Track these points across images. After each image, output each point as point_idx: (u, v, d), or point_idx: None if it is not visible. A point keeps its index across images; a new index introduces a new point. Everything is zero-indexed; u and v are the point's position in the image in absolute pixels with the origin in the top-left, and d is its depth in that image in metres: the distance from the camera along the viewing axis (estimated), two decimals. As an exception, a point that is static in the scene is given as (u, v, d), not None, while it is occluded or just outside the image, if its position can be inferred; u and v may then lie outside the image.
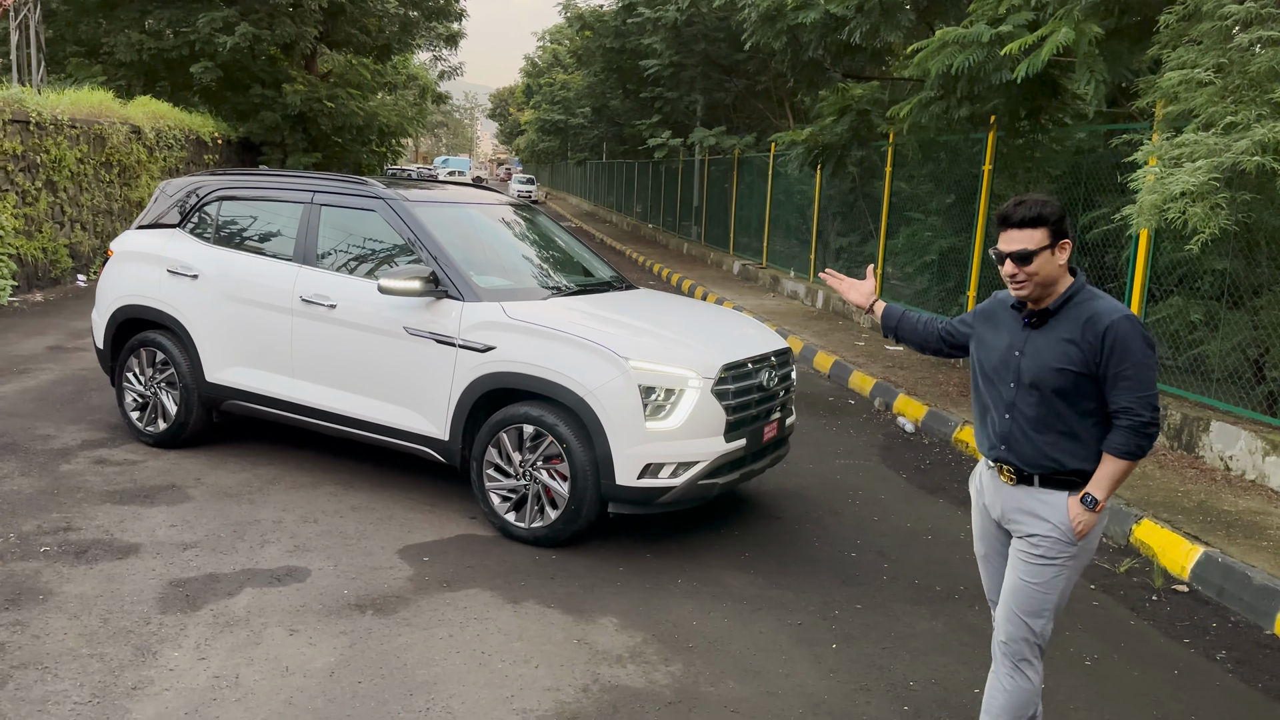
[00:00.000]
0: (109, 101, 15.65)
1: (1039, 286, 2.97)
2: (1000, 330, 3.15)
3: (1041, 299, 3.02)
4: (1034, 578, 3.02)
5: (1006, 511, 3.12)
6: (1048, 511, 3.01)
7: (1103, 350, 2.90)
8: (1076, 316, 2.96)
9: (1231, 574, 5.01)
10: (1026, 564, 3.04)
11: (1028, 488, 3.05)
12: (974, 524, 3.37)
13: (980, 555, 3.35)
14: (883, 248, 13.36)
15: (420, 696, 3.60)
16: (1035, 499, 3.04)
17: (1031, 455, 3.02)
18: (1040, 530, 3.01)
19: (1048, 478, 3.02)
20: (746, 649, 4.17)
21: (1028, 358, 3.02)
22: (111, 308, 6.47)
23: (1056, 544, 3.00)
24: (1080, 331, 2.93)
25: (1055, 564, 3.01)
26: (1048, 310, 3.01)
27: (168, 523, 5.12)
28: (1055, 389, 2.96)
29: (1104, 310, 2.93)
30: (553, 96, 43.80)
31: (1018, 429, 3.04)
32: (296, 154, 23.86)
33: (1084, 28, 7.11)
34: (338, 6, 22.84)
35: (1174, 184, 5.66)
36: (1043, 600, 3.03)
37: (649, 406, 4.89)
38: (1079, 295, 3.00)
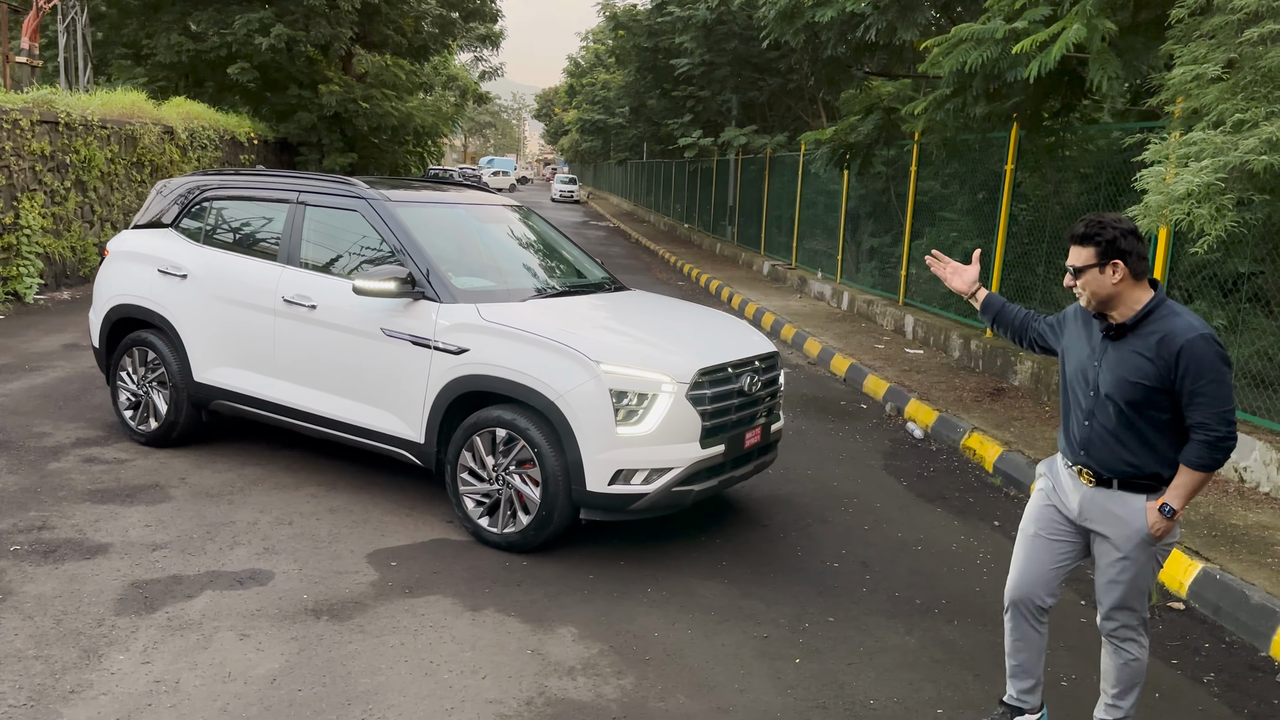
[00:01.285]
0: (141, 102, 15.87)
1: (1093, 299, 3.18)
2: (1083, 339, 3.34)
3: (1110, 311, 3.20)
4: (1120, 575, 3.27)
5: (1085, 510, 3.32)
6: (1128, 515, 3.22)
7: (1177, 369, 3.07)
8: (1152, 333, 3.13)
9: (1229, 592, 4.79)
10: (1113, 565, 3.28)
11: (1107, 490, 3.26)
12: (1033, 504, 3.52)
13: (1029, 535, 3.48)
14: (908, 248, 13.12)
15: (358, 706, 3.54)
16: (1115, 501, 3.24)
17: (1110, 461, 3.22)
18: (1121, 534, 3.23)
19: (1126, 481, 3.22)
20: (705, 662, 4.05)
21: (1105, 369, 3.21)
22: (106, 307, 6.51)
23: (1137, 546, 3.22)
24: (1155, 349, 3.10)
25: (1138, 562, 3.25)
26: (1125, 325, 3.18)
27: (143, 522, 5.12)
28: (1130, 401, 3.15)
29: (1180, 329, 3.08)
30: (593, 96, 43.88)
31: (1096, 436, 3.25)
32: (333, 154, 24.08)
33: (1096, 24, 6.88)
34: (373, 7, 23.01)
35: (1178, 184, 5.44)
36: (1132, 591, 3.30)
37: (621, 411, 4.79)
38: (1157, 311, 3.15)
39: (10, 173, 11.52)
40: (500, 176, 70.04)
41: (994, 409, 8.42)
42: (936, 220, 12.72)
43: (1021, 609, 3.49)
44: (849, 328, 12.89)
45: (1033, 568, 3.47)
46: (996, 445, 7.26)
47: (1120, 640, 3.39)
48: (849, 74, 11.81)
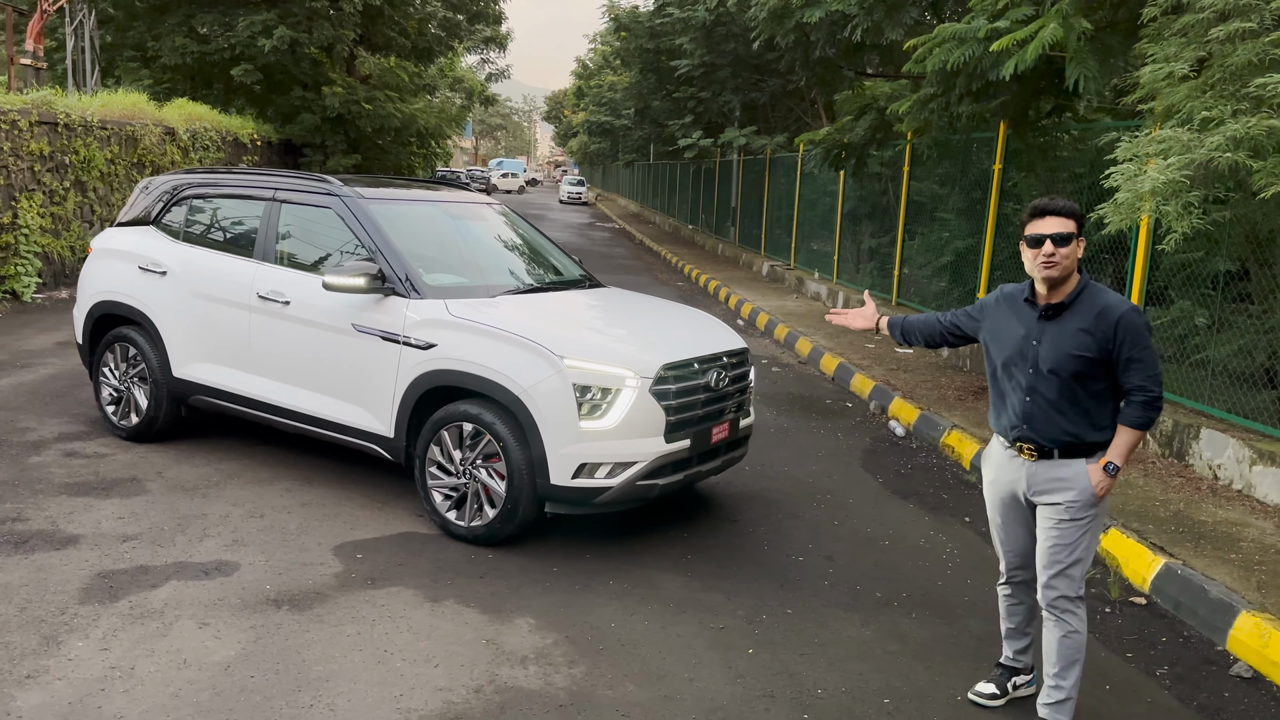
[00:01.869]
0: (143, 103, 16.00)
1: (1065, 270, 3.38)
2: (1014, 322, 3.56)
3: (1058, 290, 3.44)
4: (1066, 539, 3.45)
5: (1033, 484, 3.52)
6: (1073, 477, 3.43)
7: (1115, 338, 3.33)
8: (1088, 309, 3.38)
9: (1189, 587, 4.81)
10: (1059, 529, 3.46)
11: (1049, 460, 3.47)
12: (988, 498, 3.76)
13: (998, 524, 3.75)
14: (900, 249, 13.14)
15: (308, 693, 3.60)
16: (1059, 469, 3.46)
17: (1052, 432, 3.44)
18: (1067, 497, 3.43)
19: (1067, 449, 3.44)
20: (658, 652, 4.10)
21: (1045, 346, 3.43)
22: (88, 303, 6.60)
23: (1083, 507, 3.43)
24: (1094, 322, 3.35)
25: (1081, 523, 3.45)
26: (1062, 304, 3.42)
27: (116, 515, 5.20)
28: (1073, 373, 3.38)
29: (1114, 303, 3.37)
30: (600, 98, 43.90)
31: (1039, 409, 3.45)
32: (337, 155, 24.19)
33: (1073, 23, 6.91)
34: (375, 9, 23.11)
35: (1144, 181, 5.46)
36: (1074, 554, 3.46)
37: (584, 406, 4.84)
38: (1088, 290, 3.43)
39: (9, 173, 11.65)
40: (509, 179, 70.25)
41: (976, 407, 8.43)
42: (929, 220, 12.74)
43: (1015, 581, 3.82)
44: (842, 328, 12.90)
45: (1010, 547, 3.76)
46: (974, 442, 7.27)
47: (1060, 611, 3.52)
48: (841, 75, 11.82)
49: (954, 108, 8.77)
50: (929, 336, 3.97)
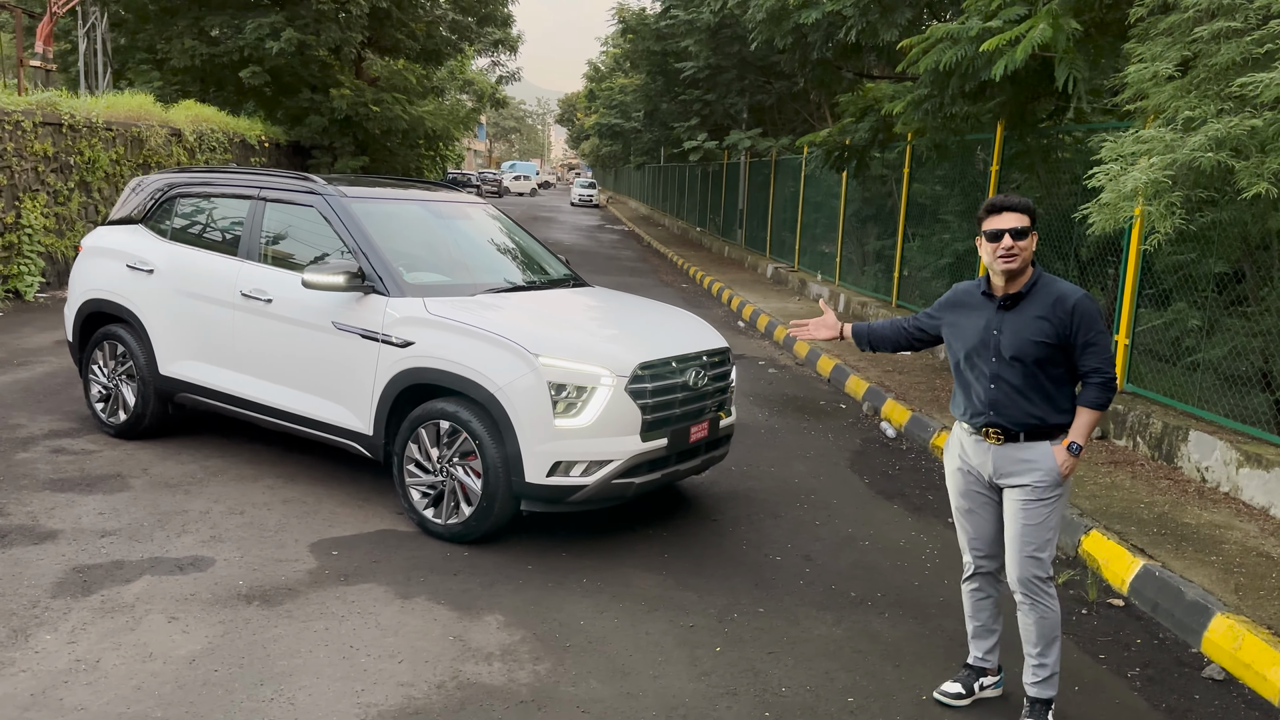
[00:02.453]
0: (149, 105, 16.11)
1: (1023, 262, 3.52)
2: (973, 315, 3.68)
3: (1015, 281, 3.57)
4: (1033, 519, 3.55)
5: (999, 468, 3.62)
6: (1038, 458, 3.54)
7: (1072, 324, 3.48)
8: (1045, 298, 3.53)
9: (1166, 589, 4.78)
10: (1026, 509, 3.56)
11: (1015, 444, 3.58)
12: (953, 486, 3.85)
13: (964, 510, 3.81)
14: (900, 250, 13.09)
15: (269, 687, 3.61)
16: (1024, 452, 3.57)
17: (1018, 416, 3.55)
18: (1033, 478, 3.54)
19: (1032, 432, 3.56)
20: (625, 649, 4.10)
21: (1006, 335, 3.55)
22: (79, 301, 6.65)
23: (1049, 487, 3.54)
24: (1051, 309, 3.50)
25: (1048, 502, 3.55)
26: (1020, 294, 3.56)
27: (97, 511, 5.23)
28: (1035, 359, 3.51)
29: (1068, 291, 3.52)
30: (611, 101, 43.94)
31: (1004, 395, 3.57)
32: (345, 157, 24.29)
33: (1061, 23, 6.89)
34: (383, 12, 23.21)
35: (1126, 182, 5.44)
36: (1043, 534, 3.57)
37: (559, 404, 4.85)
38: (1042, 280, 3.58)
39: (13, 173, 11.75)
40: (521, 181, 70.41)
41: (970, 409, 8.38)
42: (931, 222, 12.70)
43: (982, 572, 3.85)
44: (841, 329, 12.85)
45: (977, 534, 3.81)
46: (964, 444, 7.24)
47: (1033, 592, 3.60)
48: (840, 76, 11.80)
49: (947, 108, 8.75)
50: (895, 341, 4.04)
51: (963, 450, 3.78)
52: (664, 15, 21.12)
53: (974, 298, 3.72)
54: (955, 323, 3.77)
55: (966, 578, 3.89)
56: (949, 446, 3.89)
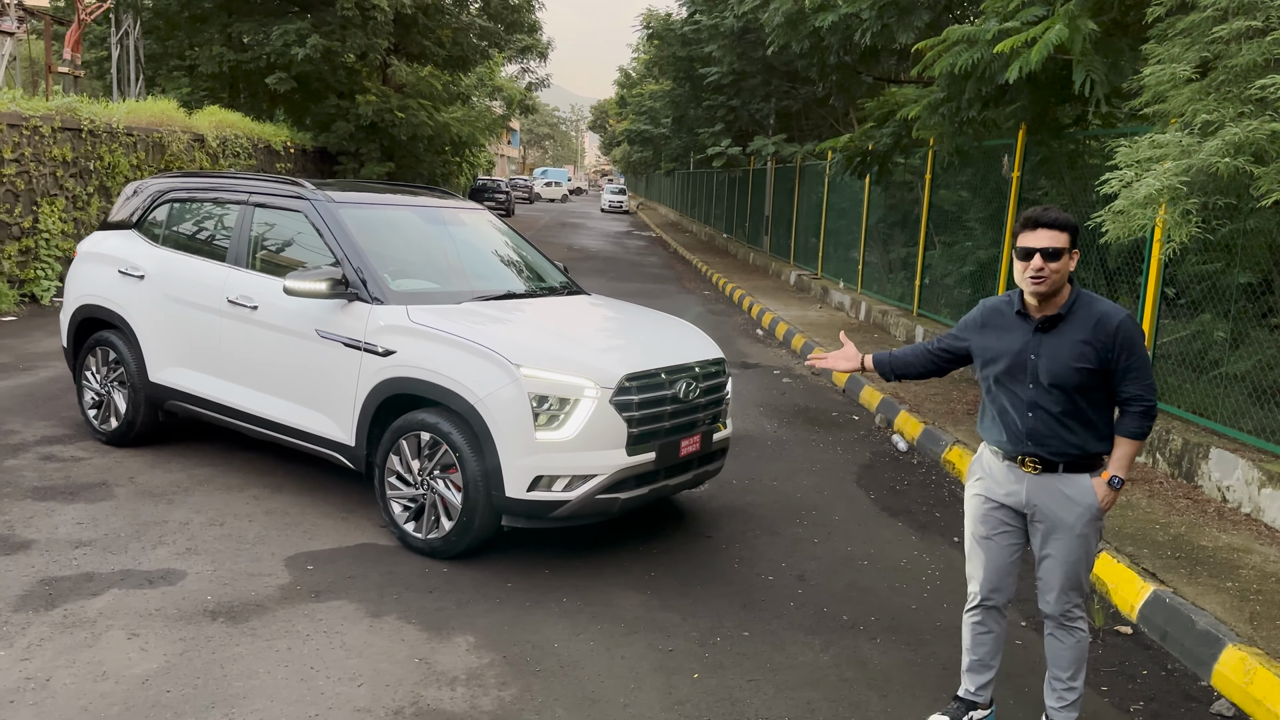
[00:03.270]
0: (171, 111, 16.20)
1: (1054, 285, 3.24)
2: (1005, 336, 3.40)
3: (1050, 302, 3.31)
4: (1072, 555, 3.36)
5: (1032, 499, 3.38)
6: (1077, 493, 3.32)
7: (1115, 347, 3.24)
8: (1085, 319, 3.27)
9: (1177, 616, 4.53)
10: (1065, 545, 3.36)
11: (1053, 475, 3.34)
12: (973, 511, 3.56)
13: (981, 538, 3.54)
14: (922, 258, 12.83)
15: (220, 709, 3.48)
16: (1063, 483, 3.33)
17: (1058, 446, 3.31)
18: (1074, 514, 3.32)
19: (1071, 463, 3.32)
20: (597, 675, 3.92)
21: (1044, 359, 3.30)
22: (73, 307, 6.60)
23: (1090, 522, 3.34)
24: (1093, 331, 3.25)
25: (1087, 538, 3.36)
26: (1059, 315, 3.30)
27: (75, 520, 5.14)
28: (1076, 386, 3.26)
29: (1110, 311, 3.27)
30: (640, 107, 43.87)
31: (1043, 424, 3.32)
32: (371, 163, 24.37)
33: (1079, 24, 6.64)
34: (409, 19, 23.25)
35: (1139, 188, 5.19)
36: (1082, 569, 3.41)
37: (541, 416, 4.69)
38: (1081, 299, 3.32)
39: (30, 178, 11.81)
40: (552, 187, 70.61)
41: (985, 422, 8.13)
42: (954, 229, 12.43)
43: (988, 605, 3.58)
44: (859, 338, 12.63)
45: (993, 566, 3.54)
46: (975, 459, 7.00)
47: (1070, 621, 3.45)
48: (860, 80, 11.57)
49: (965, 112, 8.51)
50: (921, 368, 3.77)
51: (990, 475, 3.51)
52: (688, 21, 20.95)
53: (1006, 317, 3.43)
54: (985, 345, 3.47)
55: (971, 609, 3.63)
56: (973, 468, 3.61)
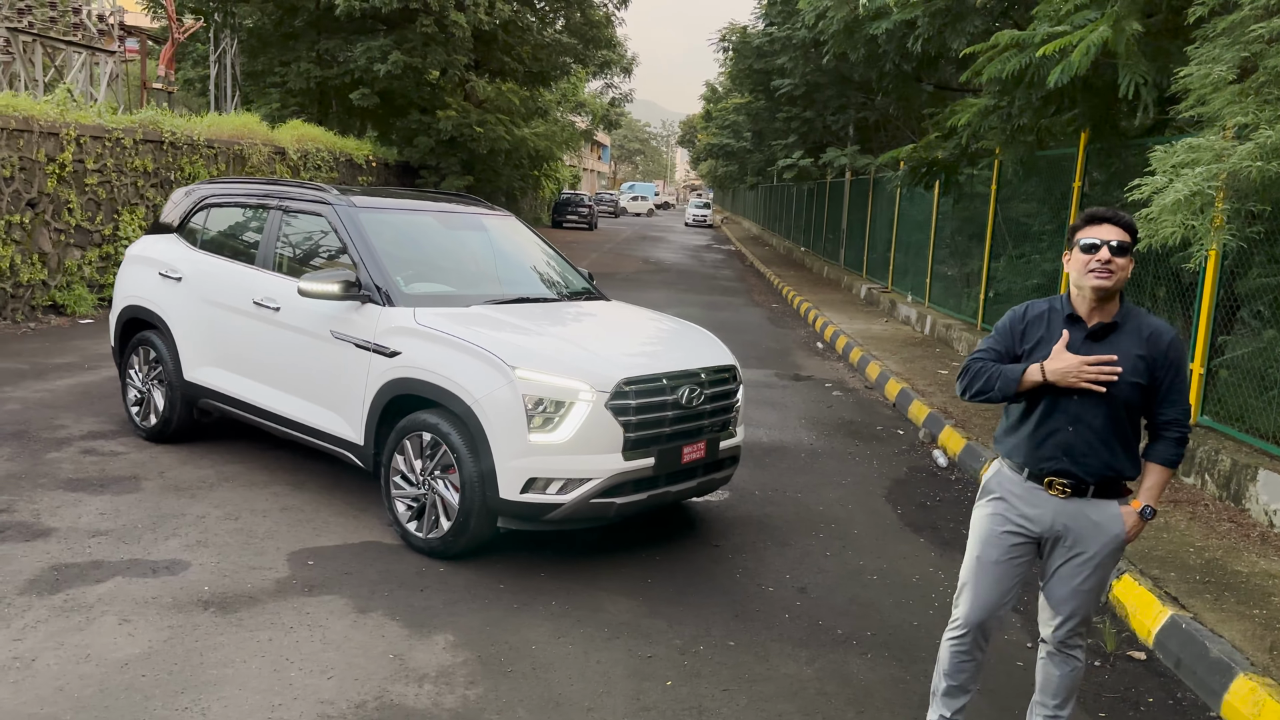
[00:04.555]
0: (253, 124, 16.78)
1: (1119, 282, 3.05)
2: (1052, 341, 3.14)
3: (1106, 307, 3.12)
4: (1086, 583, 3.17)
5: (1057, 524, 3.16)
6: (1106, 521, 3.12)
7: (1166, 365, 3.08)
8: (1136, 331, 3.10)
9: (1192, 643, 4.29)
10: (1081, 573, 3.17)
11: (1082, 499, 3.13)
12: (984, 533, 3.29)
13: (991, 562, 3.27)
14: (986, 269, 12.49)
15: (189, 696, 3.56)
16: (1092, 509, 3.13)
17: (1096, 466, 3.10)
18: (1099, 543, 3.13)
19: (1103, 487, 3.12)
20: (568, 678, 3.89)
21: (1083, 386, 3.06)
22: (119, 308, 6.87)
23: (1114, 553, 3.17)
24: (1146, 345, 3.08)
25: (1107, 567, 3.19)
26: (1114, 323, 3.11)
27: (98, 511, 5.34)
28: (1126, 401, 3.07)
29: (1162, 327, 3.11)
30: (723, 121, 43.84)
31: (1083, 441, 3.09)
32: (451, 177, 24.87)
33: (1124, 25, 6.39)
34: (489, 35, 23.69)
35: (1168, 193, 4.97)
36: (1098, 599, 3.26)
37: (535, 418, 4.70)
38: (1131, 311, 3.14)
39: (112, 187, 12.37)
40: (639, 202, 71.01)
41: (1032, 439, 7.85)
42: (1020, 240, 12.07)
43: (977, 632, 3.35)
44: (920, 352, 12.36)
45: (995, 592, 3.29)
46: (1012, 476, 6.77)
47: (1071, 649, 3.30)
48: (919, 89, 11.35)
49: (1016, 120, 8.27)
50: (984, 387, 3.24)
51: (1009, 495, 3.23)
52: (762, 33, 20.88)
53: (1054, 323, 3.18)
54: (1029, 352, 3.19)
55: (958, 635, 3.36)
56: (989, 486, 3.31)
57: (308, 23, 23.75)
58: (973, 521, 3.38)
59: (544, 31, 27.45)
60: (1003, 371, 3.16)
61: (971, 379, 3.23)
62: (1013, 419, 3.27)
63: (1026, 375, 3.10)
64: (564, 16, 27.72)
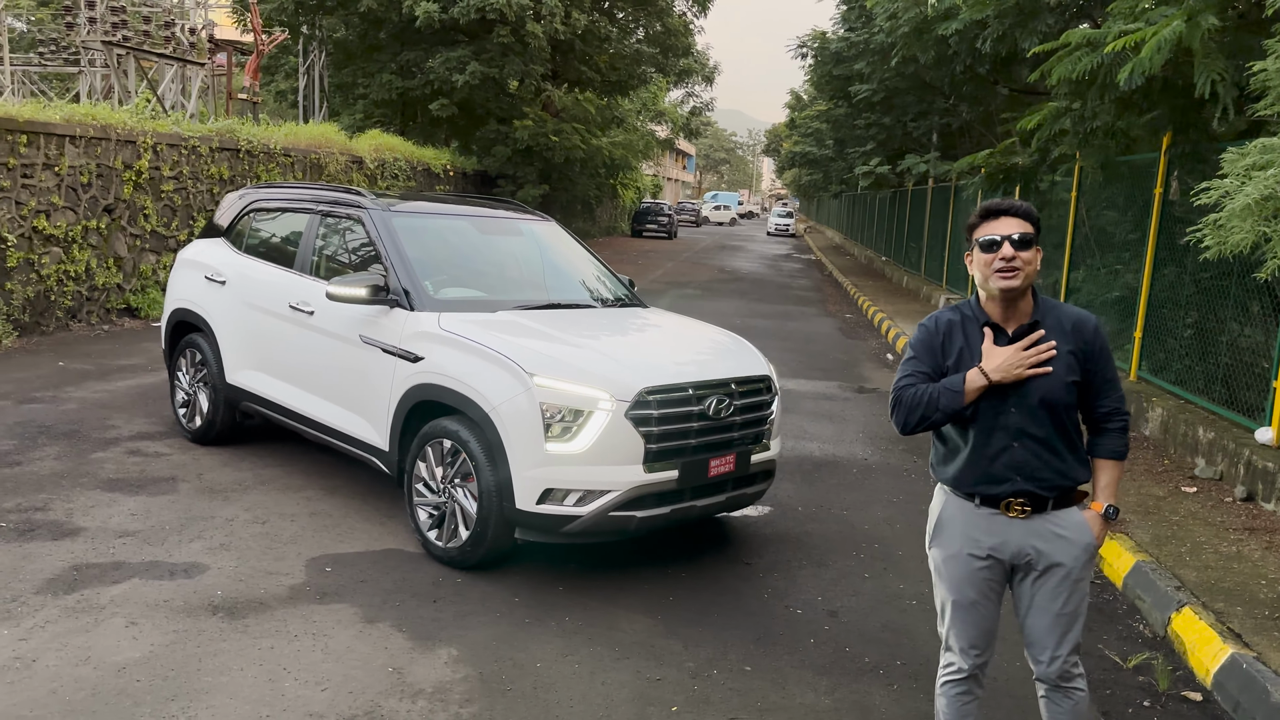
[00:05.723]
0: (331, 134, 17.10)
1: (1027, 279, 2.84)
2: (974, 355, 2.90)
3: (1019, 307, 2.90)
4: (1069, 604, 2.94)
5: (1024, 547, 2.93)
6: (1073, 532, 2.91)
7: (1096, 353, 2.90)
8: (1059, 325, 2.89)
9: (1252, 685, 3.93)
10: (1062, 594, 2.93)
11: (1043, 515, 2.91)
12: (952, 576, 3.01)
13: (968, 604, 3.00)
14: (1066, 280, 11.96)
15: (179, 703, 3.50)
16: (1054, 524, 2.91)
17: (1050, 478, 2.89)
18: (1070, 555, 2.91)
19: (1060, 498, 2.91)
20: (569, 699, 3.73)
21: (1031, 376, 2.84)
22: (168, 311, 6.98)
23: (1086, 564, 2.94)
24: (1073, 338, 2.88)
25: (1085, 580, 2.96)
26: (1034, 323, 2.89)
27: (129, 512, 5.38)
28: (1066, 404, 2.87)
29: (1080, 314, 2.92)
30: (806, 129, 43.36)
31: (1031, 455, 2.88)
32: (528, 186, 25.03)
33: (1199, 20, 5.99)
34: (566, 45, 23.79)
35: (1236, 198, 4.59)
36: (1080, 617, 2.98)
37: (552, 427, 4.56)
38: (1047, 305, 2.95)
39: (188, 194, 12.70)
40: (721, 211, 70.67)
41: (1102, 458, 7.43)
42: (1103, 250, 11.53)
43: (977, 675, 3.08)
44: (993, 366, 11.86)
45: (983, 627, 3.03)
46: (1074, 497, 6.39)
47: (1068, 681, 3.01)
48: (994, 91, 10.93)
49: (1089, 123, 7.86)
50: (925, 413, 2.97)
51: (967, 529, 2.97)
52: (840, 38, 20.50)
53: (968, 333, 2.95)
54: (953, 367, 2.94)
55: (955, 680, 3.08)
56: (939, 526, 3.04)
57: (391, 35, 24.17)
58: (933, 564, 3.08)
59: (624, 41, 27.46)
60: (943, 387, 2.89)
61: (908, 410, 2.94)
62: (949, 445, 3.01)
63: (969, 383, 2.84)
64: (643, 27, 27.70)
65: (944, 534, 3.03)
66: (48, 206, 10.47)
